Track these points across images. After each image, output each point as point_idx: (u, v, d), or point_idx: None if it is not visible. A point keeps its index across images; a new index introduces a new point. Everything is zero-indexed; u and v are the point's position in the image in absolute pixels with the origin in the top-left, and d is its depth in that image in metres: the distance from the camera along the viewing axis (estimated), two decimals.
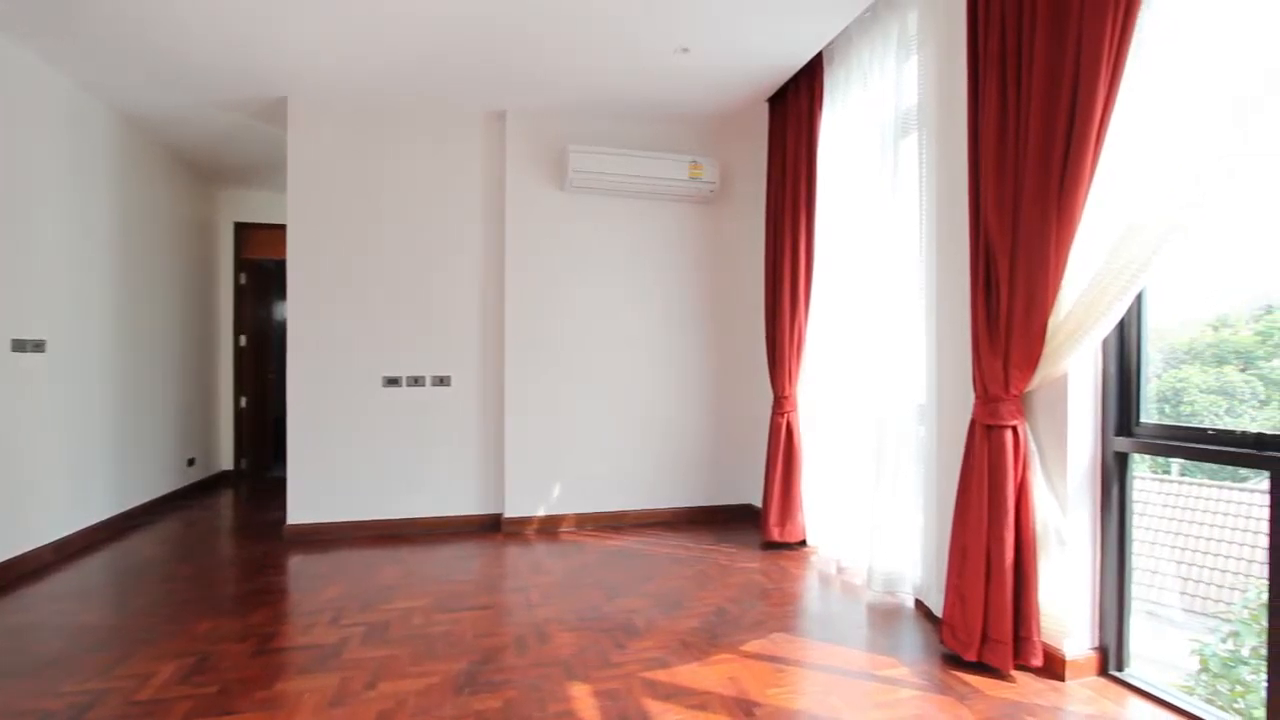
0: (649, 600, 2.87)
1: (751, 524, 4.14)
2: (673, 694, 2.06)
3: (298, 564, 3.43)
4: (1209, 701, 2.15)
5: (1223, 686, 2.55)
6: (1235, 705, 2.40)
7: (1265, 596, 1.72)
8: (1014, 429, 2.16)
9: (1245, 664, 2.52)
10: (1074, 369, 2.13)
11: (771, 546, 3.67)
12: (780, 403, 3.68)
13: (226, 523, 4.39)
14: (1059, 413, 2.17)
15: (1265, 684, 1.73)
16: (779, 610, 2.78)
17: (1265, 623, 1.73)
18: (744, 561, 3.43)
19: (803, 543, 3.67)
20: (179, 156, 5.00)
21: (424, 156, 4.08)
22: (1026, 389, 2.16)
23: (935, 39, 2.63)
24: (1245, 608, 2.85)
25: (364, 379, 3.98)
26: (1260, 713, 1.74)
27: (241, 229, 5.96)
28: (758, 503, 4.10)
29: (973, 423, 2.26)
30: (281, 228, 5.33)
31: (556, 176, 4.11)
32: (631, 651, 2.36)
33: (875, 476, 2.95)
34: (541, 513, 4.10)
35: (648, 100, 3.91)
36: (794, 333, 3.57)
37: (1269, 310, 2.18)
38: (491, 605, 2.83)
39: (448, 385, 4.10)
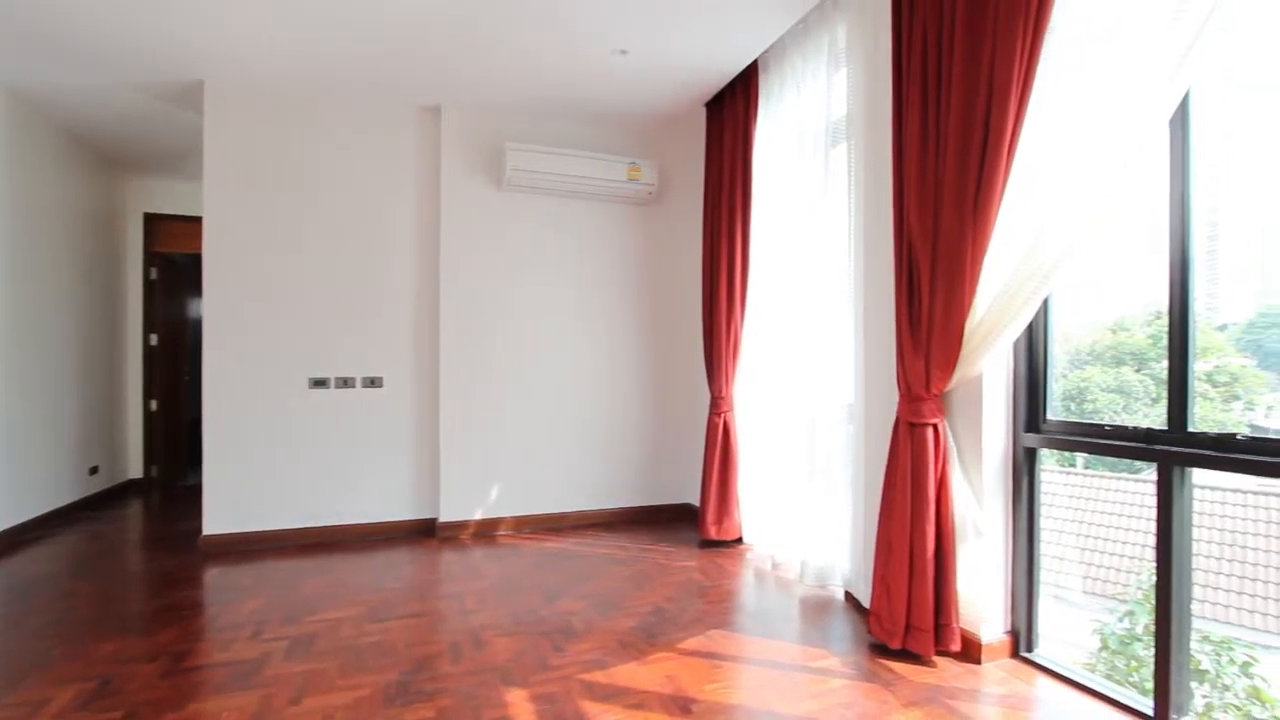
0: (587, 602, 2.86)
1: (690, 523, 4.19)
2: (611, 695, 2.06)
3: (215, 577, 3.23)
4: (1108, 677, 2.33)
5: (1120, 662, 2.76)
6: (1131, 679, 2.60)
7: (1155, 578, 1.87)
8: (935, 426, 2.27)
9: (1139, 640, 2.74)
10: (988, 369, 2.26)
11: (709, 545, 3.72)
12: (717, 403, 3.74)
13: (135, 535, 4.10)
14: (975, 411, 2.29)
15: (1154, 657, 1.88)
16: (715, 607, 2.82)
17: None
18: (682, 560, 3.47)
19: (739, 540, 3.74)
20: (80, 140, 4.63)
21: (353, 149, 3.92)
22: (946, 388, 2.27)
23: (863, 53, 2.74)
24: (1139, 589, 3.10)
25: (288, 380, 3.79)
26: (1152, 685, 1.89)
27: (152, 220, 5.57)
28: (696, 502, 4.15)
29: (897, 421, 2.37)
30: (197, 220, 5.01)
31: (493, 174, 4.04)
32: (570, 654, 2.34)
33: (807, 474, 3.05)
34: (478, 516, 4.02)
35: (587, 100, 3.90)
36: (730, 334, 3.64)
37: (1159, 315, 2.37)
38: (425, 613, 2.75)
39: (379, 386, 3.97)
